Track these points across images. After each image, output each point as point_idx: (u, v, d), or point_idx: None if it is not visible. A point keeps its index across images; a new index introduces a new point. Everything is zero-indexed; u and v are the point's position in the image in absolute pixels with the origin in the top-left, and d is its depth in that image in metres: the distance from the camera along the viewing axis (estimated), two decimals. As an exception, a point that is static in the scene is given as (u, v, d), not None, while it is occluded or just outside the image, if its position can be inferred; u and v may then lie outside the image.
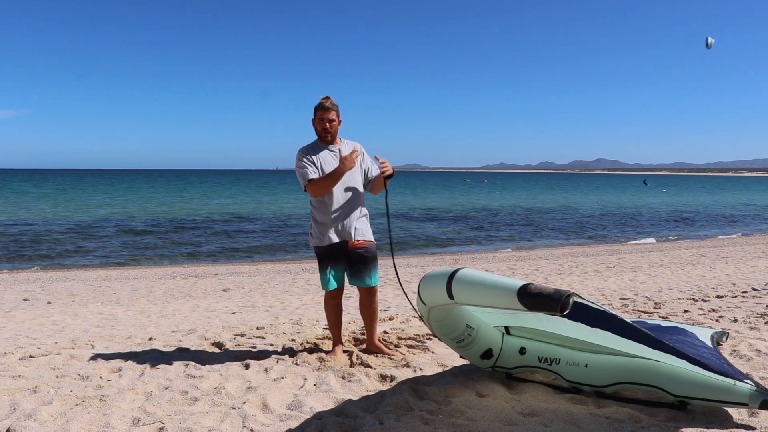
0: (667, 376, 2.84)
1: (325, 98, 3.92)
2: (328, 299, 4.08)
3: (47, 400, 3.20)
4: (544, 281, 9.61)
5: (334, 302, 4.09)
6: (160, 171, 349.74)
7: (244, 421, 2.90)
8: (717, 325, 4.74)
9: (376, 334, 4.16)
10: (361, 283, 4.00)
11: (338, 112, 3.93)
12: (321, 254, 4.00)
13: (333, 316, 4.11)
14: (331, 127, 3.91)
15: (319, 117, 3.91)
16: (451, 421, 2.80)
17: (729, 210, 37.10)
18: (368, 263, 3.97)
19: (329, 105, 3.89)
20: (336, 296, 4.08)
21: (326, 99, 3.91)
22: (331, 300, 4.08)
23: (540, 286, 2.32)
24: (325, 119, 3.89)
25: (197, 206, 38.66)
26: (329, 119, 3.89)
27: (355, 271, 3.99)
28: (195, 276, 11.92)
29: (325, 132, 3.92)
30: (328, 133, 3.92)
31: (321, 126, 3.91)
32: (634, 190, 76.85)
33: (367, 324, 4.12)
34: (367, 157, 4.12)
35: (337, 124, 3.94)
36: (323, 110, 3.88)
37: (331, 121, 3.90)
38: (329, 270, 3.98)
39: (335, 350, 4.07)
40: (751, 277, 8.73)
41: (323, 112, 3.88)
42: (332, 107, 3.89)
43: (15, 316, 6.99)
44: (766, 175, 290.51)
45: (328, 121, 3.89)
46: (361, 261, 3.95)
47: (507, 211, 35.68)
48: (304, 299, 8.01)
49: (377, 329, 4.21)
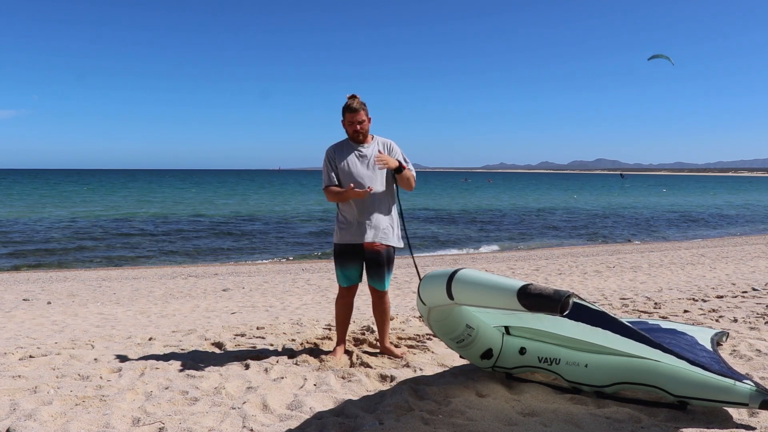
0: (667, 376, 2.84)
1: (351, 98, 3.84)
2: (339, 296, 4.08)
3: (47, 400, 3.20)
4: (544, 281, 9.61)
5: (344, 300, 4.07)
6: (160, 171, 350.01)
7: (244, 421, 2.90)
8: (717, 325, 4.74)
9: (387, 337, 4.12)
10: (373, 285, 4.00)
11: (367, 111, 3.87)
12: (336, 251, 4.00)
13: (341, 314, 4.09)
14: (362, 128, 3.86)
15: (348, 120, 3.85)
16: (451, 421, 2.80)
17: (729, 210, 37.10)
18: (380, 267, 3.92)
19: (357, 105, 3.81)
20: (346, 295, 4.05)
21: (353, 99, 3.83)
22: (341, 298, 4.07)
23: (540, 286, 2.32)
24: (355, 122, 3.83)
25: (198, 206, 38.67)
26: (359, 121, 3.83)
27: (368, 273, 3.98)
28: (195, 276, 11.92)
29: (356, 134, 3.87)
30: (359, 134, 3.87)
31: (352, 129, 3.86)
32: (625, 189, 76.86)
33: (378, 325, 4.11)
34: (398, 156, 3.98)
35: (367, 124, 3.88)
36: (351, 112, 3.82)
37: (361, 122, 3.84)
38: (343, 267, 3.97)
39: (336, 350, 4.06)
40: (751, 277, 8.73)
41: (352, 115, 3.82)
42: (360, 107, 3.82)
43: (15, 316, 6.99)
44: (766, 175, 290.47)
45: (358, 123, 3.83)
46: (374, 264, 3.92)
47: (509, 211, 35.69)
48: (304, 299, 8.01)
49: (388, 332, 4.16)
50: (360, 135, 3.87)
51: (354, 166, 3.87)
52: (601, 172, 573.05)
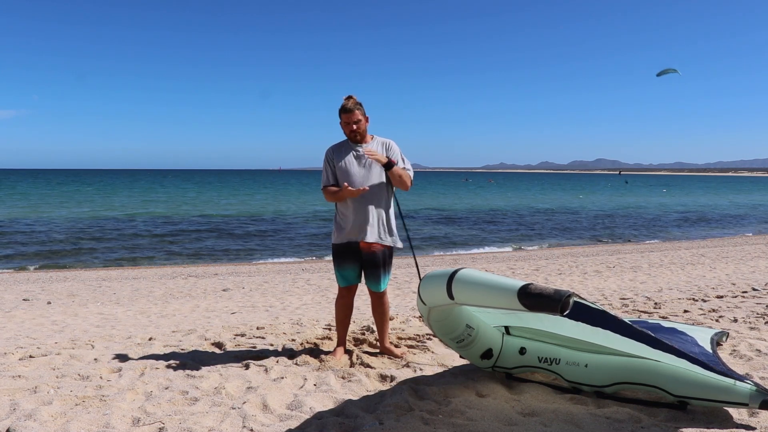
0: (667, 376, 2.84)
1: (347, 98, 3.88)
2: (338, 297, 4.09)
3: (47, 400, 3.20)
4: (544, 281, 9.61)
5: (344, 301, 4.07)
6: (160, 171, 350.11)
7: (244, 421, 2.90)
8: (717, 325, 4.74)
9: (387, 337, 4.13)
10: (369, 286, 4.02)
11: (363, 111, 3.90)
12: (334, 251, 4.02)
13: (340, 314, 4.09)
14: (358, 128, 3.88)
15: (344, 121, 3.89)
16: (451, 421, 2.80)
17: (729, 210, 37.09)
18: (377, 267, 3.93)
19: (351, 106, 3.85)
20: (345, 295, 4.06)
21: (348, 99, 3.87)
22: (341, 298, 4.08)
23: (540, 286, 2.32)
24: (350, 122, 3.86)
25: (198, 206, 38.67)
26: (354, 121, 3.86)
27: (365, 274, 3.99)
28: (195, 276, 11.92)
29: (353, 134, 3.91)
30: (356, 134, 3.90)
31: (348, 129, 3.90)
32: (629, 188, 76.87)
33: (377, 326, 4.12)
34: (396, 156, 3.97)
35: (363, 123, 3.91)
36: (346, 113, 3.86)
37: (357, 122, 3.87)
38: (340, 267, 3.99)
39: (336, 351, 4.06)
40: (751, 277, 8.73)
41: (347, 115, 3.86)
42: (355, 107, 3.86)
43: (15, 316, 6.99)
44: (766, 175, 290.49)
45: (354, 122, 3.86)
46: (371, 264, 3.93)
47: (510, 211, 35.68)
48: (304, 299, 8.01)
49: (388, 332, 4.17)
50: (357, 135, 3.90)
51: (351, 166, 3.89)
52: (602, 172, 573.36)
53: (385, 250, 3.95)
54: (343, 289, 4.05)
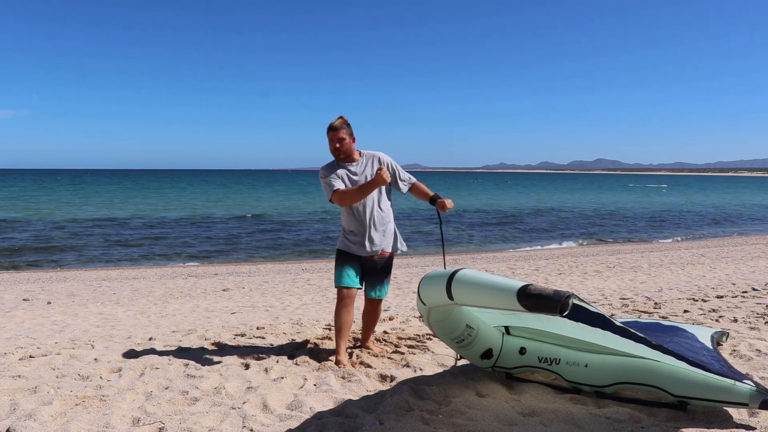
0: (667, 376, 2.84)
1: (337, 118, 3.96)
2: (338, 300, 3.93)
3: (47, 400, 3.20)
4: (544, 281, 9.61)
5: (346, 308, 3.92)
6: (160, 171, 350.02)
7: (244, 421, 2.90)
8: (717, 325, 4.74)
9: (371, 338, 4.31)
10: (371, 293, 4.07)
11: (350, 130, 3.95)
12: (339, 254, 4.05)
13: (339, 322, 3.92)
14: (342, 146, 3.92)
15: (330, 138, 3.94)
16: (451, 421, 2.80)
17: (730, 210, 37.07)
18: (379, 275, 4.03)
19: (337, 125, 3.91)
20: (346, 297, 3.93)
21: (336, 119, 3.95)
22: (341, 300, 3.93)
23: (540, 287, 2.32)
24: (335, 139, 3.91)
25: (198, 206, 38.66)
26: (339, 138, 3.90)
27: (370, 281, 4.05)
28: (195, 276, 11.92)
29: (337, 152, 3.94)
30: (340, 152, 3.94)
31: (332, 146, 3.94)
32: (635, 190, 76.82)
33: (365, 327, 4.25)
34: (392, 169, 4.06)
35: (349, 142, 3.94)
36: (332, 130, 3.92)
37: (341, 140, 3.91)
38: (344, 268, 3.98)
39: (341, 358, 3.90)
40: (751, 277, 8.73)
41: (333, 133, 3.92)
42: (341, 126, 3.91)
43: (15, 316, 7.00)
44: (766, 175, 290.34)
45: (338, 140, 3.91)
46: (373, 272, 4.02)
47: (512, 211, 35.69)
48: (304, 299, 8.01)
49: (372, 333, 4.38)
50: (340, 153, 3.94)
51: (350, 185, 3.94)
52: (602, 172, 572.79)
53: (387, 257, 4.07)
54: (344, 290, 3.92)
